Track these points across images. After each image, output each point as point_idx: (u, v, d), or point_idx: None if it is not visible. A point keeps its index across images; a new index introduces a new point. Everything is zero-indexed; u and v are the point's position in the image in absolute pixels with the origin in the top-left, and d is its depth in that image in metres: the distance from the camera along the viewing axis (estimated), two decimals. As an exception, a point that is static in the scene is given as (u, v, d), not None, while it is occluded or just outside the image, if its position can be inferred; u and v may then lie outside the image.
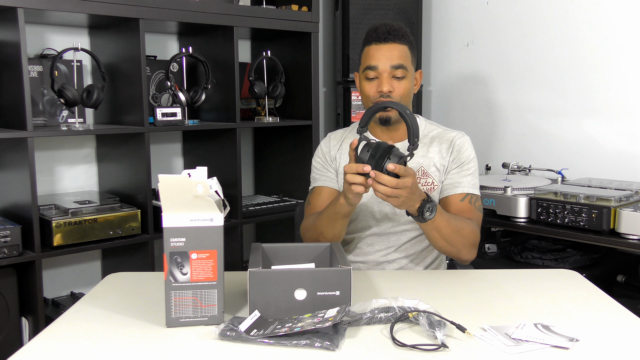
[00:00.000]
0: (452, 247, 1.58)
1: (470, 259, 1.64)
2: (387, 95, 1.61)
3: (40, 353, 1.10)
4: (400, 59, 1.62)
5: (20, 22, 1.93)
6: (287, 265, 1.35)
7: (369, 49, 1.65)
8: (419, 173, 1.70)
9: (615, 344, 1.13)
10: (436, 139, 1.73)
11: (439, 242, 1.57)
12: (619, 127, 2.53)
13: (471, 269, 1.71)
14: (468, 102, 3.08)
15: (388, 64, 1.61)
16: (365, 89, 1.65)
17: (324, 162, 1.77)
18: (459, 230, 1.57)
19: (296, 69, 2.75)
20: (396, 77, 1.62)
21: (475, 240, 1.63)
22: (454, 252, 1.60)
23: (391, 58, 1.61)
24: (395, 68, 1.61)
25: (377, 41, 1.63)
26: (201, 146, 2.70)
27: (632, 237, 2.00)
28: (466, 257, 1.63)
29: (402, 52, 1.63)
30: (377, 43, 1.62)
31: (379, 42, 1.62)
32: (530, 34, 2.79)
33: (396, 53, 1.62)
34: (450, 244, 1.57)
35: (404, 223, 1.70)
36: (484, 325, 1.18)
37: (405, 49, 1.64)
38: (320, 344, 1.09)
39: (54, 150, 2.44)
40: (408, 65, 1.64)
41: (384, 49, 1.62)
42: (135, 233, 2.25)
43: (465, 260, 1.64)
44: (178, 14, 2.29)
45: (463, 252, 1.61)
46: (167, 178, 1.15)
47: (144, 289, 1.44)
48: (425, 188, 1.69)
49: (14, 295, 2.05)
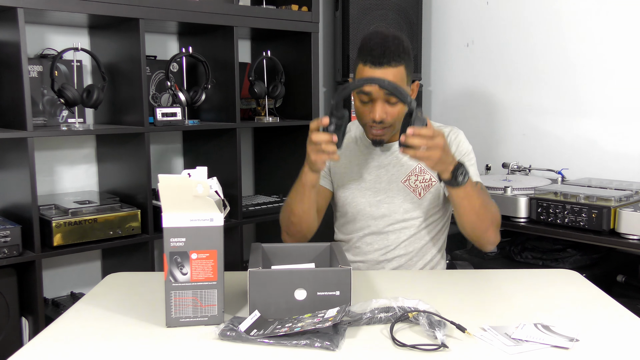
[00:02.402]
0: (481, 222, 1.56)
1: (495, 242, 1.62)
2: (380, 122, 1.58)
3: (40, 353, 1.10)
4: None
5: (20, 22, 1.93)
6: (287, 265, 1.35)
7: (362, 70, 1.56)
8: (416, 170, 1.70)
9: (615, 344, 1.13)
10: None
11: (469, 216, 1.54)
12: (619, 127, 2.53)
13: (471, 269, 1.71)
14: (468, 102, 3.08)
15: (382, 90, 1.55)
16: (359, 111, 1.63)
17: None
18: (487, 205, 1.57)
19: (296, 69, 2.75)
20: (390, 103, 1.57)
21: (499, 221, 1.62)
22: (482, 229, 1.57)
23: None
24: (389, 94, 1.54)
25: (371, 64, 1.54)
26: (201, 146, 2.70)
27: (632, 237, 2.00)
28: (493, 238, 1.60)
29: (397, 76, 1.54)
30: (371, 66, 1.54)
31: (373, 65, 1.54)
32: (530, 34, 2.79)
33: (390, 78, 1.52)
34: (480, 218, 1.55)
35: (402, 221, 1.71)
36: (484, 325, 1.18)
37: (401, 70, 1.55)
38: (320, 344, 1.09)
39: (54, 150, 2.44)
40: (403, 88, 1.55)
41: (378, 74, 1.53)
42: (135, 233, 2.25)
43: (492, 242, 1.61)
44: (178, 14, 2.29)
45: (490, 232, 1.58)
46: (167, 178, 1.15)
47: (144, 289, 1.44)
48: (423, 185, 1.70)
49: (14, 295, 2.05)
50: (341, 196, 1.76)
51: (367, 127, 1.64)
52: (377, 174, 1.73)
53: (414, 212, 1.70)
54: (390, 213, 1.71)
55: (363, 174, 1.73)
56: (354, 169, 1.75)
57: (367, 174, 1.73)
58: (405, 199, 1.70)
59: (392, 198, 1.71)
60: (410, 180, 1.70)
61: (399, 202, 1.70)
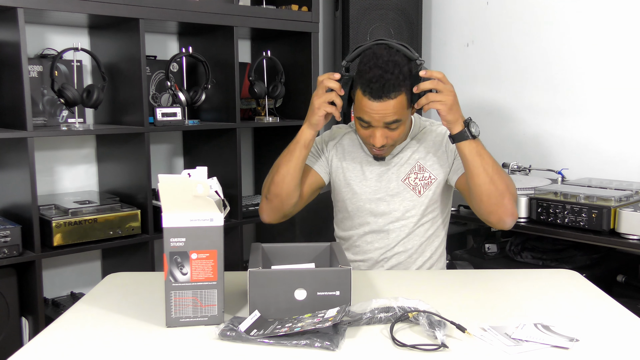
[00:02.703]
0: (496, 187, 1.52)
1: (514, 214, 1.56)
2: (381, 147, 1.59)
3: (40, 353, 1.10)
4: (395, 114, 1.52)
5: (20, 22, 1.93)
6: (287, 265, 1.35)
7: (361, 100, 1.53)
8: (415, 168, 1.71)
9: (615, 344, 1.13)
10: (428, 133, 1.75)
11: (482, 177, 1.51)
12: (619, 127, 2.53)
13: (471, 268, 1.71)
14: (468, 102, 3.07)
15: (382, 120, 1.53)
16: (359, 131, 1.63)
17: (320, 147, 1.80)
18: (500, 169, 1.55)
19: (296, 69, 2.75)
20: (390, 128, 1.56)
21: (515, 192, 1.58)
22: (498, 196, 1.52)
23: (385, 116, 1.52)
24: (390, 123, 1.54)
25: (370, 96, 1.50)
26: (201, 146, 2.70)
27: (632, 237, 2.00)
28: (510, 207, 1.54)
29: (397, 107, 1.51)
30: (370, 99, 1.50)
31: (372, 98, 1.50)
32: (530, 34, 2.78)
33: (390, 110, 1.51)
34: (493, 181, 1.52)
35: (402, 219, 1.71)
36: (484, 325, 1.18)
37: (401, 98, 1.51)
38: (320, 344, 1.09)
39: (54, 150, 2.44)
40: (403, 114, 1.55)
41: (377, 107, 1.50)
42: (135, 233, 2.25)
43: (510, 213, 1.55)
44: (178, 14, 2.29)
45: (507, 199, 1.53)
46: (167, 178, 1.15)
47: (144, 289, 1.44)
48: (423, 183, 1.70)
49: (14, 295, 2.05)
50: (341, 191, 1.77)
51: (367, 145, 1.67)
52: (378, 171, 1.73)
53: (413, 210, 1.71)
54: (389, 211, 1.71)
55: (364, 171, 1.74)
56: (356, 165, 1.75)
57: (368, 171, 1.74)
58: (404, 197, 1.71)
59: (392, 196, 1.71)
60: (410, 178, 1.71)
61: (399, 200, 1.71)
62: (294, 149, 1.65)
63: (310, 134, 1.63)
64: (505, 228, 1.59)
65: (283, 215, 1.71)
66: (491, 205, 1.55)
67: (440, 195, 1.73)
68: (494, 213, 1.56)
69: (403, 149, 1.73)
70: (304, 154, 1.64)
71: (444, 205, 1.77)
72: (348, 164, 1.76)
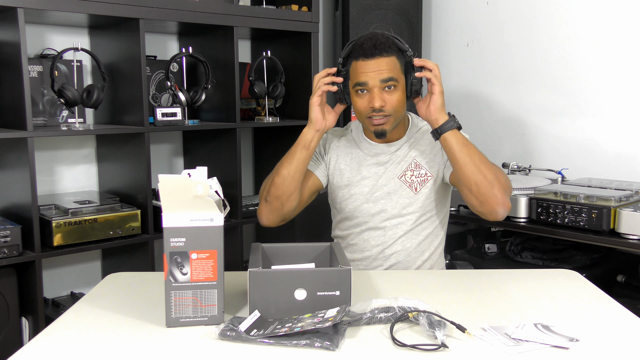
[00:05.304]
0: (484, 176, 1.53)
1: (505, 204, 1.56)
2: (380, 110, 1.59)
3: (40, 353, 1.10)
4: (389, 72, 1.58)
5: (20, 22, 1.93)
6: (287, 265, 1.35)
7: (356, 65, 1.60)
8: (411, 166, 1.72)
9: (615, 344, 1.13)
10: (424, 132, 1.76)
11: (469, 167, 1.53)
12: (619, 127, 2.53)
13: (471, 269, 1.71)
14: (468, 102, 3.08)
15: (377, 78, 1.58)
16: (357, 104, 1.63)
17: (319, 150, 1.81)
18: (487, 161, 1.58)
19: (296, 69, 2.75)
20: (387, 90, 1.60)
21: (508, 186, 1.59)
22: (487, 185, 1.53)
23: (380, 72, 1.58)
24: (386, 81, 1.58)
25: (364, 57, 1.58)
26: (201, 146, 2.70)
27: (632, 237, 2.00)
28: (501, 197, 1.54)
29: (391, 65, 1.59)
30: (364, 59, 1.58)
31: (366, 57, 1.58)
32: (530, 34, 2.79)
33: (384, 67, 1.58)
34: (481, 171, 1.53)
35: (399, 216, 1.72)
36: (484, 325, 1.18)
37: (394, 59, 1.59)
38: (320, 344, 1.09)
39: (54, 150, 2.44)
40: (398, 76, 1.60)
41: (371, 65, 1.57)
42: (135, 233, 2.25)
43: (501, 202, 1.54)
44: (178, 14, 2.29)
45: (496, 189, 1.53)
46: (167, 178, 1.15)
47: (144, 289, 1.44)
48: (419, 180, 1.71)
49: (14, 295, 2.05)
50: (339, 193, 1.77)
51: (368, 120, 1.64)
52: (375, 171, 1.74)
53: (410, 207, 1.71)
54: (386, 208, 1.72)
55: (362, 172, 1.75)
56: (353, 167, 1.76)
57: (365, 172, 1.75)
58: (401, 195, 1.72)
59: (389, 194, 1.72)
60: (406, 176, 1.72)
61: (396, 198, 1.72)
62: (294, 151, 1.67)
63: (310, 134, 1.64)
64: (498, 219, 1.58)
65: (282, 218, 1.72)
66: (481, 195, 1.55)
67: (436, 192, 1.73)
68: (485, 203, 1.56)
69: (400, 147, 1.74)
70: (304, 155, 1.65)
71: (442, 204, 1.77)
72: (345, 164, 1.77)
